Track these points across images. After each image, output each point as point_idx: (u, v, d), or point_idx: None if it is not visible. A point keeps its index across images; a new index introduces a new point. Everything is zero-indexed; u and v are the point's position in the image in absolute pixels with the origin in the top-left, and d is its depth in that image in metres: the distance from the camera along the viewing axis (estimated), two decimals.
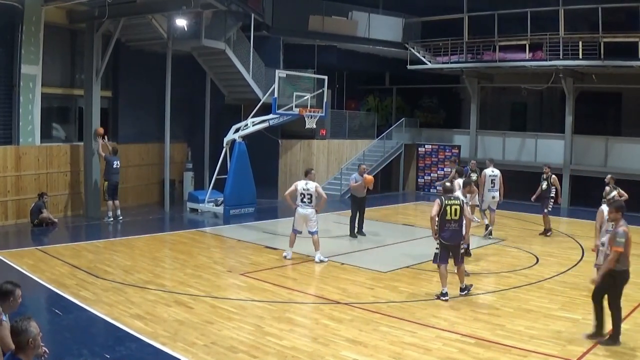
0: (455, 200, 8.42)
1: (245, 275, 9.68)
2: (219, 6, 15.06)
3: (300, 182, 10.81)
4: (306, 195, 10.62)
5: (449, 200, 8.34)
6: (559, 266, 10.61)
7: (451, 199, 8.38)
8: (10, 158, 13.59)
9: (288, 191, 10.87)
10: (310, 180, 10.76)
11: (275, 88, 14.62)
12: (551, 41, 18.22)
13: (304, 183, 10.74)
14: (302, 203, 10.65)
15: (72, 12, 14.85)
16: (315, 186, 10.68)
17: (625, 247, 6.58)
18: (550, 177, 13.58)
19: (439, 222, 8.27)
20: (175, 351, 6.29)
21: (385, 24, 21.59)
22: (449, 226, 8.25)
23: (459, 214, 8.30)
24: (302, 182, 10.78)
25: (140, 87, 17.16)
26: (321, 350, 6.42)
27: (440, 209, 8.24)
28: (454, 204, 8.31)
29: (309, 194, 10.62)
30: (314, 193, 10.62)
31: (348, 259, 10.86)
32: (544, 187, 13.58)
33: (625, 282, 6.85)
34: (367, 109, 25.34)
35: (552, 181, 13.54)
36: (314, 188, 10.63)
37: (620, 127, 20.39)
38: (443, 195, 8.46)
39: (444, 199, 8.33)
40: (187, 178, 18.69)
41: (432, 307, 8.09)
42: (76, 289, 8.53)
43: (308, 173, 10.95)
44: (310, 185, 10.67)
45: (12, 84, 13.76)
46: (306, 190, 10.62)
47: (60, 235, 13.19)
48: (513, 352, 6.43)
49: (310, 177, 10.82)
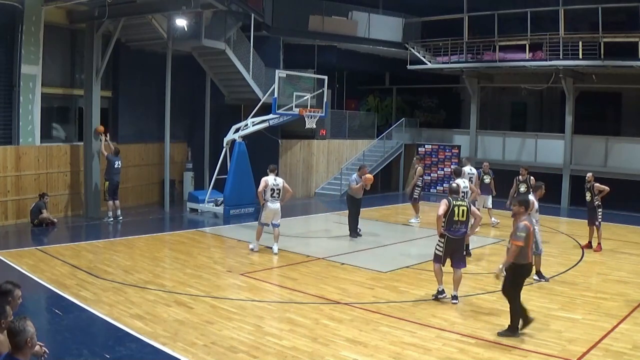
0: (463, 201, 8.28)
1: (245, 275, 9.68)
2: (219, 6, 15.06)
3: (270, 178, 11.16)
4: (276, 190, 11.09)
5: (457, 201, 8.18)
6: (559, 266, 10.61)
7: (458, 200, 8.22)
8: (10, 158, 13.59)
9: (261, 188, 11.18)
10: (277, 176, 11.25)
11: (275, 88, 14.62)
12: (551, 41, 18.21)
13: (273, 179, 11.14)
14: (271, 198, 11.08)
15: (72, 12, 14.86)
16: (282, 181, 11.25)
17: (526, 241, 6.76)
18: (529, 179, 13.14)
19: (446, 223, 8.10)
20: (175, 351, 6.29)
21: (385, 24, 21.60)
22: (457, 227, 8.12)
23: (467, 215, 8.16)
24: (271, 178, 11.15)
25: (140, 87, 17.17)
26: (321, 350, 6.41)
27: (448, 210, 8.08)
28: (461, 205, 8.15)
29: (278, 189, 11.09)
30: (282, 188, 11.12)
31: (348, 259, 10.86)
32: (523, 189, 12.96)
33: (527, 276, 7.06)
34: (367, 109, 25.36)
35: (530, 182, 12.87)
36: (282, 183, 11.17)
37: (620, 127, 20.40)
38: (450, 196, 8.29)
39: (452, 200, 8.16)
40: (187, 178, 18.71)
41: (432, 307, 8.09)
42: (76, 289, 8.53)
43: (274, 169, 11.42)
44: (279, 180, 11.20)
45: (12, 84, 13.76)
46: (276, 186, 11.10)
47: (60, 235, 13.20)
48: (513, 352, 6.43)
49: (276, 173, 11.37)
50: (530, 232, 6.88)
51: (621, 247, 12.46)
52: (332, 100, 21.42)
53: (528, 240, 6.84)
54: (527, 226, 6.85)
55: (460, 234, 8.15)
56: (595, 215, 11.97)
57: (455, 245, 8.16)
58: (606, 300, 8.51)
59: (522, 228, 6.82)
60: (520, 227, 6.85)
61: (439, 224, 8.22)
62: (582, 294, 8.80)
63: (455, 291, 8.28)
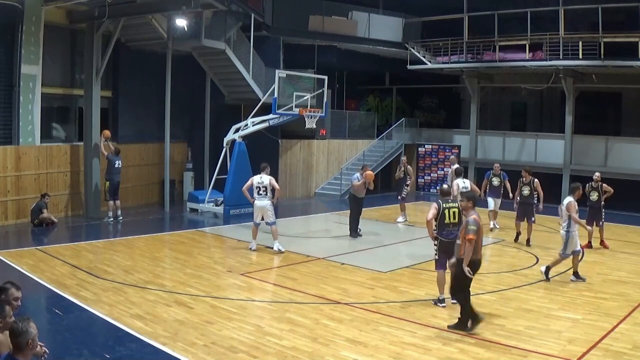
0: (454, 203, 8.13)
1: (245, 275, 9.68)
2: (219, 6, 15.06)
3: (256, 177, 11.58)
4: (261, 187, 11.36)
5: (447, 203, 8.04)
6: (559, 266, 10.58)
7: (449, 202, 8.08)
8: (10, 158, 13.58)
9: (245, 186, 11.69)
10: (265, 174, 11.46)
11: (275, 88, 14.62)
12: (551, 41, 18.21)
13: (259, 177, 11.49)
14: (258, 196, 11.39)
15: (72, 12, 14.85)
16: (270, 179, 11.42)
17: (477, 235, 6.87)
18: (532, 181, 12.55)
19: (438, 226, 7.98)
20: (175, 351, 6.29)
21: (385, 24, 21.60)
22: (449, 230, 7.97)
23: (458, 216, 7.99)
24: (257, 176, 11.53)
25: (140, 87, 17.17)
26: (321, 350, 6.41)
27: (438, 213, 7.94)
28: (452, 207, 8.01)
29: (263, 186, 11.35)
30: (268, 186, 11.34)
31: (348, 259, 10.86)
32: (526, 192, 12.46)
33: (476, 271, 7.11)
34: (367, 109, 25.35)
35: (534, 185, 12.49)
36: (268, 181, 11.36)
37: (620, 127, 20.39)
38: (441, 199, 8.18)
39: (442, 203, 8.02)
40: (187, 178, 18.71)
41: (432, 307, 8.08)
42: (76, 289, 8.52)
43: (264, 168, 11.66)
44: (265, 178, 11.40)
45: (12, 84, 13.76)
46: (260, 183, 11.38)
47: (60, 235, 13.20)
48: (513, 352, 6.43)
49: (266, 172, 11.56)
50: (480, 226, 7.01)
51: (621, 247, 12.46)
52: (332, 100, 21.42)
53: (479, 234, 6.97)
54: (477, 220, 6.99)
55: (453, 236, 7.96)
56: (600, 215, 12.04)
57: (449, 248, 7.97)
58: (606, 300, 8.51)
59: (472, 222, 6.97)
60: (470, 221, 6.99)
61: (429, 228, 8.09)
62: (582, 294, 8.80)
63: None
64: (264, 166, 11.70)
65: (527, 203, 12.39)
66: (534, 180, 12.46)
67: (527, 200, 12.42)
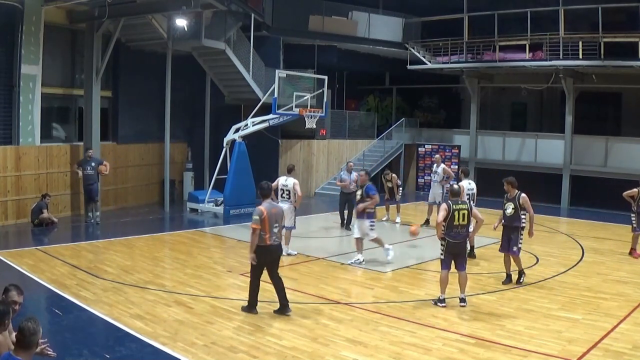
0: (463, 204, 8.07)
1: (245, 275, 9.60)
2: (219, 6, 15.05)
3: (281, 178, 11.21)
4: (285, 190, 10.99)
5: (457, 204, 7.97)
6: (559, 266, 10.62)
7: (459, 204, 8.01)
8: (10, 158, 13.58)
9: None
10: (290, 177, 11.09)
11: (275, 88, 14.61)
12: (551, 41, 18.22)
13: (284, 179, 11.11)
14: (281, 198, 10.97)
15: (72, 12, 14.85)
16: (294, 183, 10.95)
17: (262, 225, 7.32)
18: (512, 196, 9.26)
19: (446, 227, 7.93)
20: (175, 351, 6.29)
21: (385, 24, 21.59)
22: (457, 231, 7.94)
23: (467, 218, 7.98)
24: (283, 178, 11.17)
25: (140, 87, 17.16)
26: (321, 350, 6.41)
27: (448, 215, 7.89)
28: (461, 208, 7.95)
29: (287, 189, 10.96)
30: (292, 190, 10.90)
31: (348, 259, 10.85)
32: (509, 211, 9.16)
33: (266, 259, 7.46)
34: (367, 109, 25.34)
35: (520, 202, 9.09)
36: (292, 185, 10.91)
37: (620, 127, 20.38)
38: (450, 200, 8.11)
39: (452, 204, 7.96)
40: (187, 178, 18.70)
41: (432, 307, 8.08)
42: (76, 289, 8.53)
43: (290, 169, 11.40)
44: (289, 181, 10.99)
45: (12, 84, 13.75)
46: (285, 186, 10.99)
47: (60, 235, 13.18)
48: (513, 352, 6.43)
49: (292, 174, 11.26)
50: (265, 216, 7.35)
51: (621, 247, 12.45)
52: (332, 100, 21.43)
53: (264, 224, 7.35)
54: (261, 210, 7.39)
55: (460, 237, 7.99)
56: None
57: (456, 249, 7.99)
58: (606, 300, 8.51)
59: (256, 212, 7.43)
60: (256, 211, 7.47)
61: (438, 229, 8.06)
62: (582, 294, 8.80)
63: (463, 293, 8.13)
64: (291, 167, 11.41)
65: (512, 227, 9.14)
66: (521, 195, 9.13)
67: (511, 222, 9.14)
